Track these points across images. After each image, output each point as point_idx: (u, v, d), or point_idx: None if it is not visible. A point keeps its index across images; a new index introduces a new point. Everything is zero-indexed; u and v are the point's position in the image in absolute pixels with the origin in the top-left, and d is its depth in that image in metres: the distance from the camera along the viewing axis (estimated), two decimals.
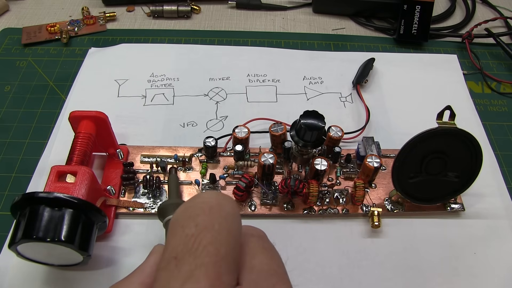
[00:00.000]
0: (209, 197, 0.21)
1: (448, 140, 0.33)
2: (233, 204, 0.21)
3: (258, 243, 0.22)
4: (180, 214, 0.20)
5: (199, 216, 0.19)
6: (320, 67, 0.51)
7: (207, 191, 0.21)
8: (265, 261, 0.21)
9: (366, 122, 0.44)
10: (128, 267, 0.34)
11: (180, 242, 0.19)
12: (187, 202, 0.21)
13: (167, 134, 0.43)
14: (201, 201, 0.20)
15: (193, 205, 0.20)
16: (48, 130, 0.43)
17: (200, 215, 0.19)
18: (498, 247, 0.36)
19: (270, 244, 0.23)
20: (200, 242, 0.18)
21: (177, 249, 0.18)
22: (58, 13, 0.58)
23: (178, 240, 0.19)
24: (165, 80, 0.48)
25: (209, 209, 0.20)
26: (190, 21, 0.57)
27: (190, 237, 0.19)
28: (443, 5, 0.60)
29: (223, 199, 0.21)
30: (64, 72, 0.49)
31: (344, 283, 0.34)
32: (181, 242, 0.19)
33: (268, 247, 0.22)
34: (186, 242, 0.19)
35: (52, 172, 0.31)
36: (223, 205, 0.20)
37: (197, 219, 0.19)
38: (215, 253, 0.18)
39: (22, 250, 0.29)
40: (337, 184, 0.39)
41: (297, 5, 0.60)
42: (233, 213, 0.21)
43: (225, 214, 0.20)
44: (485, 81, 0.50)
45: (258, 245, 0.22)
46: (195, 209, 0.20)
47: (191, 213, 0.20)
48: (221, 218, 0.20)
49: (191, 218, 0.19)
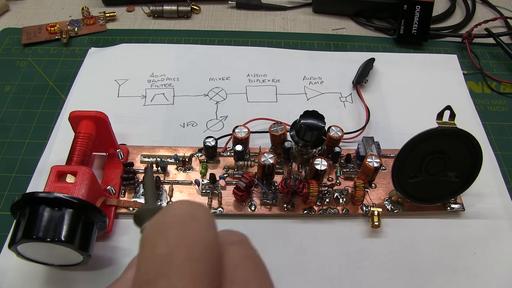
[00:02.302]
0: (180, 208, 0.19)
1: (448, 140, 0.33)
2: (206, 212, 0.19)
3: (238, 253, 0.20)
4: (149, 230, 0.18)
5: (169, 231, 0.17)
6: (320, 67, 0.50)
7: (178, 201, 0.20)
8: (248, 273, 0.19)
9: (366, 122, 0.44)
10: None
11: (151, 264, 0.17)
12: (157, 216, 0.19)
13: (167, 134, 0.43)
14: (172, 213, 0.18)
15: (162, 219, 0.18)
16: (48, 130, 0.43)
17: (170, 230, 0.17)
18: (498, 247, 0.36)
19: (253, 251, 0.20)
20: (173, 262, 0.16)
21: (149, 272, 0.17)
22: (58, 13, 0.58)
23: (149, 262, 0.17)
24: (165, 80, 0.48)
25: (181, 222, 0.18)
26: (190, 21, 0.57)
27: (162, 257, 0.17)
28: (443, 5, 0.60)
29: (195, 209, 0.19)
30: (64, 72, 0.49)
31: (344, 283, 0.34)
32: (153, 264, 0.17)
33: (250, 254, 0.20)
34: (158, 263, 0.17)
35: (52, 172, 0.31)
36: (195, 215, 0.18)
37: (168, 235, 0.17)
38: (190, 273, 0.16)
39: (22, 250, 0.29)
40: (337, 184, 0.39)
41: (297, 5, 0.60)
42: (208, 222, 0.18)
43: (198, 226, 0.18)
44: (485, 81, 0.50)
45: (239, 254, 0.19)
46: (165, 223, 0.18)
47: (161, 229, 0.18)
48: (195, 230, 0.18)
49: (161, 235, 0.17)
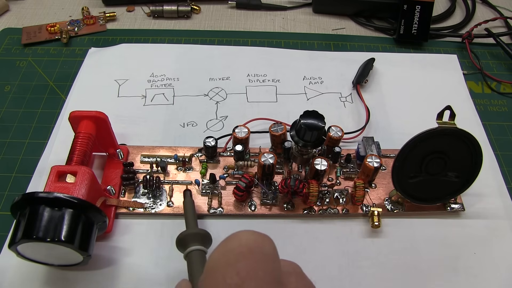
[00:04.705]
0: (247, 238, 0.20)
1: (448, 140, 0.33)
2: (272, 244, 0.20)
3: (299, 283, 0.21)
4: (217, 260, 0.19)
5: (239, 263, 0.18)
6: (320, 67, 0.50)
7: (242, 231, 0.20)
8: None
9: (366, 122, 0.44)
10: (128, 267, 0.34)
11: None
12: (223, 245, 0.20)
13: (167, 134, 0.43)
14: (238, 243, 0.19)
15: (230, 249, 0.19)
16: (48, 130, 0.43)
17: (240, 261, 0.18)
18: (498, 247, 0.36)
19: (307, 279, 0.22)
20: None
21: None
22: (58, 13, 0.58)
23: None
24: (165, 80, 0.48)
25: (249, 253, 0.19)
26: (190, 21, 0.57)
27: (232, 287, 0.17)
28: (443, 5, 0.60)
29: (261, 240, 0.20)
30: (64, 72, 0.49)
31: (344, 283, 0.34)
32: None
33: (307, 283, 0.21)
34: None
35: (52, 172, 0.31)
36: (262, 247, 0.19)
37: (238, 266, 0.18)
38: None
39: (22, 250, 0.29)
40: (337, 184, 0.39)
41: (297, 5, 0.60)
42: (273, 254, 0.19)
43: (266, 258, 0.19)
44: (485, 81, 0.50)
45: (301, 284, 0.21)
46: (234, 254, 0.19)
47: (230, 259, 0.18)
48: (263, 262, 0.18)
49: (231, 266, 0.18)
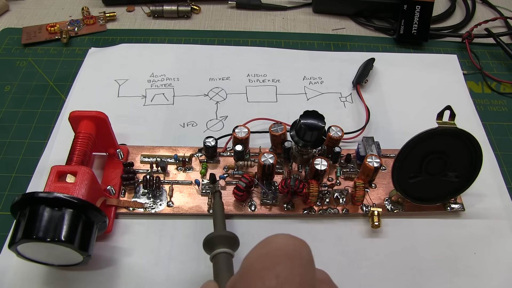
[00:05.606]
0: (284, 243, 0.20)
1: (448, 140, 0.33)
2: (308, 249, 0.20)
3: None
4: (255, 263, 0.19)
5: (278, 266, 0.19)
6: (320, 67, 0.50)
7: (279, 235, 0.21)
8: None
9: (366, 122, 0.44)
10: (128, 267, 0.34)
11: None
12: (260, 247, 0.20)
13: (167, 134, 0.43)
14: (276, 247, 0.20)
15: (268, 252, 0.20)
16: (48, 130, 0.43)
17: (279, 265, 0.19)
18: (498, 247, 0.36)
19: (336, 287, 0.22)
20: None
21: None
22: (58, 13, 0.58)
23: None
24: (165, 80, 0.48)
25: (287, 258, 0.19)
26: (190, 21, 0.57)
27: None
28: (443, 5, 0.60)
29: (299, 245, 0.20)
30: (64, 72, 0.49)
31: (344, 283, 0.34)
32: None
33: None
34: None
35: (52, 172, 0.31)
36: (300, 252, 0.20)
37: (277, 269, 0.18)
38: None
39: (22, 250, 0.29)
40: (337, 184, 0.39)
41: (297, 5, 0.60)
42: (310, 259, 0.20)
43: (304, 263, 0.19)
44: (485, 81, 0.50)
45: None
46: (272, 257, 0.19)
47: (269, 263, 0.19)
48: (301, 267, 0.19)
49: (270, 269, 0.19)
